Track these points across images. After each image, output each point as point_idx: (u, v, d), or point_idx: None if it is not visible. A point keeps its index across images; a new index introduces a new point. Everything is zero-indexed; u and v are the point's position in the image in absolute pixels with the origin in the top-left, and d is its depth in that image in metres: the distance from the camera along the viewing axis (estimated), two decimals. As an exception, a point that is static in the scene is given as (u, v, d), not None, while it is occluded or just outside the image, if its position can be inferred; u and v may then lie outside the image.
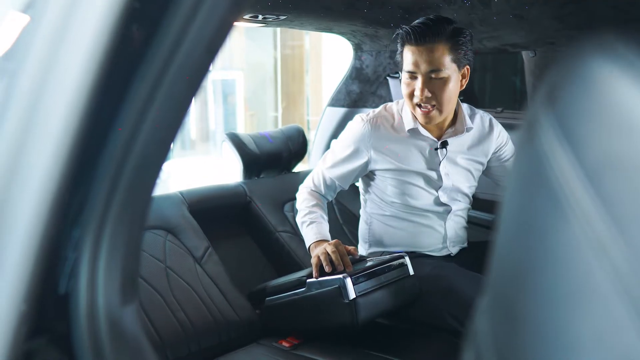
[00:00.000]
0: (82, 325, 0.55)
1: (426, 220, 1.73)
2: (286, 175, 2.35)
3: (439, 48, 1.52)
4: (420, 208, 1.71)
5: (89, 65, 0.45)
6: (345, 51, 2.70)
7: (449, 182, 1.69)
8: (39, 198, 0.48)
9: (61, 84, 0.47)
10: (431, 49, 1.52)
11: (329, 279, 1.43)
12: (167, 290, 1.58)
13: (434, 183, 1.69)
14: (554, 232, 0.32)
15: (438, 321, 1.56)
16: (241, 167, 2.20)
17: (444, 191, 1.70)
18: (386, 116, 1.71)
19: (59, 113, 0.46)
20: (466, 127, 1.68)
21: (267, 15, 1.89)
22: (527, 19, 1.63)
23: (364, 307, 1.39)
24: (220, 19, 0.53)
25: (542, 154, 0.34)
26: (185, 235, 1.78)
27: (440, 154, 1.68)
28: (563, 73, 0.37)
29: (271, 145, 2.27)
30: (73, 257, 0.56)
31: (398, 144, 1.67)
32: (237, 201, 2.10)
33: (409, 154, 1.67)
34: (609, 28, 0.36)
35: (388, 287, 1.47)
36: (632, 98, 0.30)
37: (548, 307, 0.31)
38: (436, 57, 1.52)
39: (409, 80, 1.58)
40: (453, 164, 1.70)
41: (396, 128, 1.68)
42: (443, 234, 1.74)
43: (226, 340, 1.57)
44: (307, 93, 8.24)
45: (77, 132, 0.46)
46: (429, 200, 1.70)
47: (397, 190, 1.70)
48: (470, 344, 0.41)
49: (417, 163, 1.68)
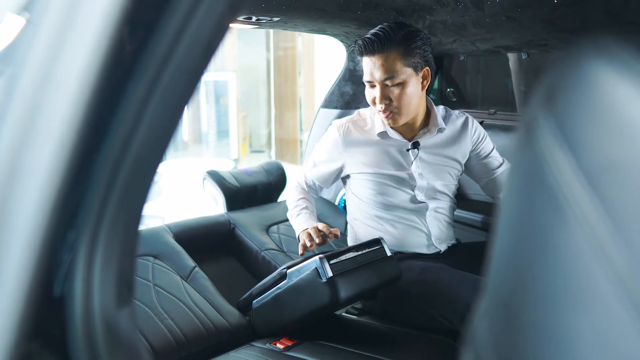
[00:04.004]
0: (78, 328, 0.54)
1: (406, 220, 1.76)
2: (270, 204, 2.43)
3: (390, 56, 1.58)
4: (398, 206, 1.75)
5: (89, 67, 0.45)
6: (337, 53, 2.71)
7: (423, 181, 1.74)
8: (39, 200, 0.47)
9: (61, 86, 0.46)
10: (383, 57, 1.58)
11: (306, 264, 1.46)
12: (154, 303, 1.61)
13: (407, 183, 1.74)
14: (554, 234, 0.32)
15: (429, 323, 1.57)
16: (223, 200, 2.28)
17: (419, 190, 1.74)
18: (358, 121, 1.78)
19: (59, 114, 0.46)
20: (438, 127, 1.73)
21: (261, 16, 1.89)
22: (520, 21, 1.64)
23: (343, 286, 1.41)
24: (218, 19, 0.52)
25: (541, 156, 0.34)
26: (172, 258, 1.84)
27: (412, 154, 1.73)
28: (560, 75, 0.37)
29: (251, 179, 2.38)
30: (68, 260, 0.55)
31: (369, 148, 1.74)
32: (222, 229, 2.18)
33: (381, 157, 1.73)
34: (601, 31, 0.36)
35: (366, 267, 1.50)
36: (630, 100, 0.30)
37: (548, 309, 0.31)
38: (388, 65, 1.58)
39: (369, 89, 1.66)
40: (426, 164, 1.74)
41: (368, 132, 1.75)
42: (426, 232, 1.77)
43: (215, 344, 1.58)
44: (300, 94, 8.24)
45: (77, 133, 0.46)
46: (405, 198, 1.75)
47: (374, 191, 1.75)
48: (470, 345, 0.41)
49: (389, 165, 1.73)
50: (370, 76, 1.62)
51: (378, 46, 1.58)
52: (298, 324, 1.54)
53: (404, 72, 1.59)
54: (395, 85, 1.60)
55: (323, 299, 1.41)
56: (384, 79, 1.59)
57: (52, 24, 0.47)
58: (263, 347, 1.52)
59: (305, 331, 1.56)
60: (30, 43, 0.48)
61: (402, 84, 1.60)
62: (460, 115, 1.83)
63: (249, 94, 8.81)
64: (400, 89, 1.60)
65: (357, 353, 1.45)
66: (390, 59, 1.58)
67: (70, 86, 0.46)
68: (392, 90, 1.61)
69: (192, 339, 1.56)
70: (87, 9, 0.46)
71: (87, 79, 0.45)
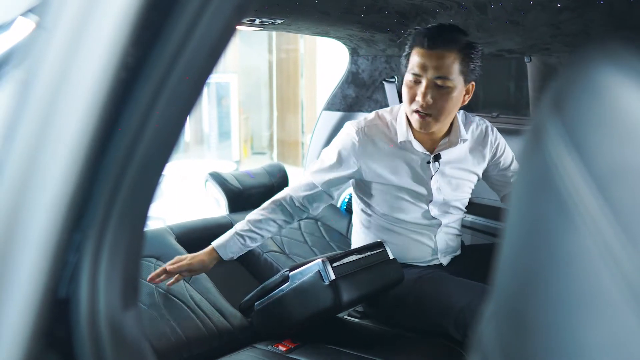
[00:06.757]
0: (83, 330, 0.54)
1: (415, 235, 1.69)
2: None
3: (450, 56, 1.48)
4: (409, 222, 1.68)
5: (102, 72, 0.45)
6: (339, 55, 2.71)
7: (440, 196, 1.65)
8: (51, 203, 0.47)
9: (75, 91, 0.47)
10: (442, 55, 1.48)
11: (308, 267, 1.45)
12: (155, 305, 1.61)
13: (423, 198, 1.65)
14: (563, 239, 0.32)
15: (427, 328, 1.57)
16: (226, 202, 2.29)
17: (434, 205, 1.66)
18: (379, 125, 1.65)
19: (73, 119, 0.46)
20: (461, 138, 1.63)
21: (265, 19, 1.90)
22: (523, 25, 1.64)
23: (345, 289, 1.40)
24: (224, 22, 0.53)
25: (550, 161, 0.34)
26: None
27: (433, 168, 1.63)
28: (569, 80, 0.37)
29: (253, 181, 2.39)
30: (74, 261, 0.56)
31: (388, 157, 1.62)
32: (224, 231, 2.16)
33: (399, 168, 1.63)
34: (605, 35, 0.36)
35: (369, 270, 1.49)
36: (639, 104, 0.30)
37: (556, 314, 0.31)
38: (446, 64, 1.48)
39: (412, 84, 1.54)
40: (445, 178, 1.65)
41: (388, 139, 1.63)
42: (433, 247, 1.71)
43: (217, 346, 1.58)
44: (302, 96, 8.25)
45: (89, 137, 0.46)
46: (417, 214, 1.67)
47: (386, 203, 1.67)
48: (477, 349, 0.41)
49: (407, 178, 1.63)
50: (421, 70, 1.50)
51: (442, 42, 1.48)
52: (300, 326, 1.54)
53: (456, 78, 1.50)
54: (443, 88, 1.50)
55: (325, 301, 1.41)
56: (436, 77, 1.49)
57: (65, 30, 0.47)
58: (265, 349, 1.52)
59: (308, 334, 1.56)
60: (44, 49, 0.48)
61: (449, 89, 1.50)
62: (481, 122, 1.74)
63: (251, 95, 8.82)
64: (447, 93, 1.50)
65: (359, 356, 1.45)
66: (450, 59, 1.48)
67: (84, 92, 0.46)
68: (438, 91, 1.50)
69: (194, 340, 1.56)
70: (100, 16, 0.46)
71: (101, 86, 0.46)
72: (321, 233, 2.31)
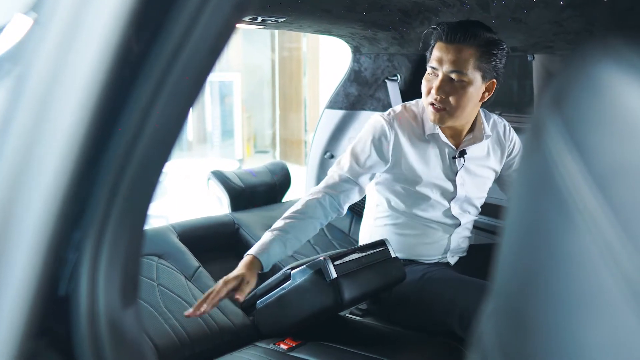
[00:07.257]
0: (83, 328, 0.54)
1: (431, 232, 1.69)
2: (275, 205, 2.43)
3: (466, 50, 1.49)
4: (429, 219, 1.67)
5: (97, 68, 0.45)
6: (342, 53, 2.70)
7: (463, 192, 1.65)
8: (46, 199, 0.47)
9: (70, 87, 0.47)
10: (459, 49, 1.49)
11: (310, 265, 1.45)
12: (158, 303, 1.61)
13: (447, 194, 1.65)
14: (562, 238, 0.32)
15: (430, 326, 1.57)
16: (228, 201, 2.29)
17: (456, 202, 1.66)
18: (407, 118, 1.64)
19: (67, 115, 0.46)
20: (485, 134, 1.64)
21: (267, 17, 1.89)
22: (526, 23, 1.63)
23: (347, 287, 1.40)
24: (224, 20, 0.52)
25: (550, 159, 0.34)
26: (176, 258, 1.83)
27: (458, 164, 1.63)
28: (569, 78, 0.37)
29: (255, 180, 2.38)
30: (73, 259, 0.56)
31: (418, 149, 1.61)
32: (226, 229, 2.17)
33: (428, 161, 1.62)
34: (609, 33, 0.36)
35: (370, 268, 1.49)
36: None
37: (556, 313, 0.31)
38: (462, 58, 1.49)
39: (430, 77, 1.55)
40: (469, 174, 1.66)
41: (416, 131, 1.62)
42: (445, 246, 1.71)
43: (219, 344, 1.58)
44: (305, 95, 8.24)
45: (84, 133, 0.46)
46: (439, 212, 1.66)
47: (409, 198, 1.65)
48: (476, 347, 0.41)
49: (435, 171, 1.62)
50: (438, 63, 1.51)
51: (461, 37, 1.48)
52: (302, 324, 1.54)
53: (472, 73, 1.50)
54: (459, 82, 1.50)
55: (327, 300, 1.41)
56: (451, 71, 1.49)
57: (60, 24, 0.47)
58: (267, 347, 1.52)
59: (309, 332, 1.56)
60: (39, 43, 0.48)
61: (465, 84, 1.50)
62: (499, 120, 1.74)
63: (254, 94, 8.82)
64: (461, 88, 1.50)
65: (361, 354, 1.45)
66: (466, 54, 1.49)
67: (78, 87, 0.46)
68: (453, 85, 1.50)
69: (196, 338, 1.56)
70: (95, 10, 0.46)
71: (95, 80, 0.45)
72: (323, 231, 2.31)
